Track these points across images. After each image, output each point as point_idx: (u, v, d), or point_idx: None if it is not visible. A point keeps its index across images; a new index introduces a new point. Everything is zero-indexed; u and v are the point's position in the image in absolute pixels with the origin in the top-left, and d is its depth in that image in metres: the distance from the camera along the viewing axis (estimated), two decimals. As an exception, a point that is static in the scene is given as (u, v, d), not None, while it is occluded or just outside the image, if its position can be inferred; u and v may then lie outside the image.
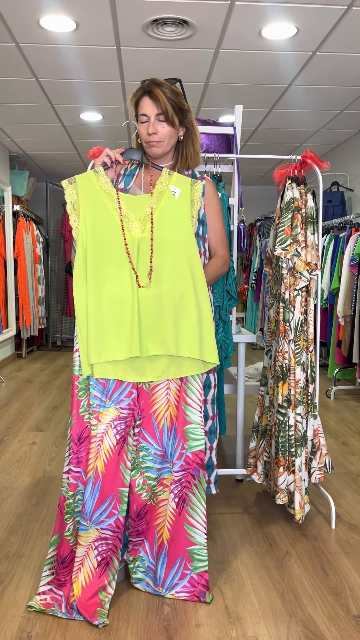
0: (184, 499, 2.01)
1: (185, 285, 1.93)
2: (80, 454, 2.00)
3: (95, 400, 1.98)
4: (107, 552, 1.96)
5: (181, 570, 2.02)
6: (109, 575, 1.96)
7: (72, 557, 2.01)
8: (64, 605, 1.94)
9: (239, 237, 2.89)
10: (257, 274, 7.21)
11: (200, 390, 2.02)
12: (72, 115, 5.47)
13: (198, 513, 2.02)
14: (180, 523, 2.01)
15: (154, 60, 4.09)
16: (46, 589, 2.01)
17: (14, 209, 6.75)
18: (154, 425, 2.02)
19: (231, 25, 3.52)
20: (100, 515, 1.97)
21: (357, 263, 4.62)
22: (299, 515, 2.46)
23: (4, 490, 2.96)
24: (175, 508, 2.00)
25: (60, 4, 3.26)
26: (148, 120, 2.05)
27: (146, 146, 2.09)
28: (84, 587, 1.94)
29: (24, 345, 7.16)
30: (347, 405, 4.82)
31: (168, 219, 1.96)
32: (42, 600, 1.98)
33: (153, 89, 2.02)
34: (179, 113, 2.07)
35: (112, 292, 1.92)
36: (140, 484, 2.02)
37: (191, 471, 2.01)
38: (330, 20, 3.45)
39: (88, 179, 1.98)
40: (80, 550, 1.97)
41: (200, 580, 2.02)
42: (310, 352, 2.56)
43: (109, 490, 1.97)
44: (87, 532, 1.96)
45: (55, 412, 4.52)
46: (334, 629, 1.86)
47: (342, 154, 6.56)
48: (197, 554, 2.01)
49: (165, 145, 2.08)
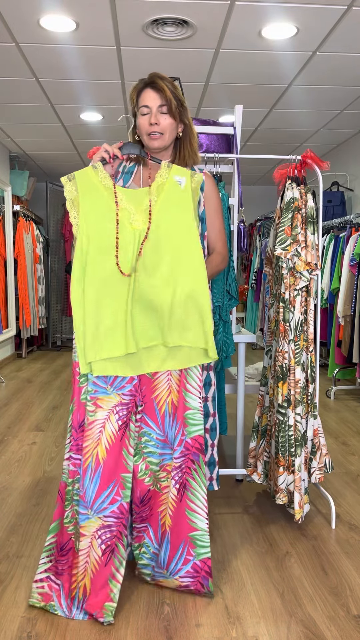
0: (184, 485, 2.02)
1: (188, 276, 1.93)
2: (81, 441, 2.01)
3: (95, 387, 1.98)
4: (112, 539, 1.96)
5: (184, 556, 2.02)
6: (115, 562, 1.95)
7: (70, 546, 2.00)
8: (62, 598, 1.94)
9: (239, 237, 2.89)
10: (257, 274, 7.21)
11: (199, 377, 2.03)
12: (72, 115, 5.47)
13: (199, 497, 2.02)
14: (181, 509, 2.02)
15: (154, 60, 4.09)
16: (43, 576, 2.00)
17: (14, 209, 6.75)
18: (156, 411, 2.02)
19: (231, 25, 3.52)
20: (102, 502, 1.96)
21: (357, 263, 4.62)
22: (299, 515, 2.46)
23: (4, 490, 2.96)
24: (177, 494, 2.01)
25: (60, 4, 3.26)
26: (149, 112, 2.03)
27: (146, 139, 2.07)
28: (92, 578, 1.94)
29: (24, 345, 7.16)
30: (347, 405, 4.82)
31: (171, 210, 1.95)
32: (40, 588, 1.97)
33: (156, 80, 2.01)
34: (180, 107, 2.06)
35: (110, 288, 1.92)
36: (142, 469, 2.03)
37: (190, 456, 2.02)
38: (330, 20, 3.45)
39: (87, 174, 1.97)
40: (84, 541, 1.95)
41: (204, 566, 2.02)
42: (310, 352, 2.56)
43: (111, 477, 1.97)
44: (88, 520, 1.95)
45: (55, 412, 4.52)
46: (334, 629, 1.86)
47: (342, 154, 6.56)
48: (199, 539, 2.02)
49: (166, 139, 2.06)
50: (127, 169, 2.12)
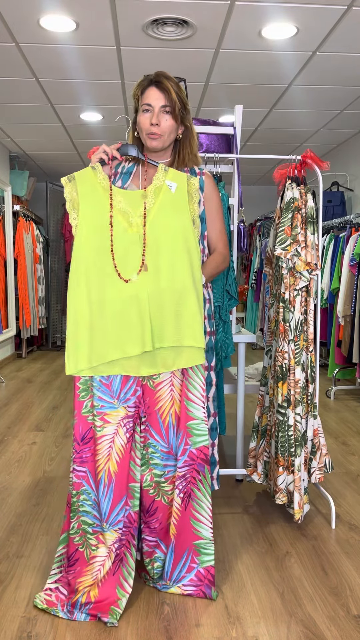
0: (189, 495, 2.02)
1: (185, 278, 1.93)
2: (85, 454, 2.01)
3: (101, 402, 1.98)
4: (120, 548, 1.97)
5: (188, 564, 2.03)
6: (123, 572, 1.96)
7: (77, 556, 2.01)
8: (66, 605, 1.94)
9: (239, 237, 2.89)
10: (257, 274, 7.21)
11: (202, 386, 2.02)
12: (72, 115, 5.47)
13: (204, 508, 2.02)
14: (186, 518, 2.01)
15: (154, 61, 4.09)
16: (53, 587, 2.01)
17: (14, 209, 6.75)
18: (160, 423, 2.02)
19: (231, 25, 3.51)
20: (117, 516, 1.98)
21: (357, 263, 4.62)
22: (298, 516, 2.46)
23: (4, 490, 2.95)
24: (181, 503, 2.01)
25: (60, 4, 3.26)
26: (151, 111, 2.00)
27: (145, 138, 2.04)
28: (100, 587, 1.94)
29: (24, 345, 7.16)
30: (347, 405, 4.82)
31: (166, 213, 1.95)
32: (47, 596, 1.98)
33: (163, 80, 1.99)
34: (182, 109, 2.04)
35: (109, 289, 1.91)
36: (147, 480, 2.03)
37: (195, 467, 2.01)
38: (330, 20, 3.45)
39: (87, 176, 1.97)
40: (102, 549, 1.97)
41: (207, 575, 2.02)
42: (310, 352, 2.56)
43: (123, 490, 1.98)
44: (107, 533, 1.98)
45: (55, 412, 4.51)
46: (334, 629, 1.86)
47: (342, 154, 6.56)
48: (203, 547, 2.02)
49: (165, 140, 2.04)
50: (126, 169, 2.10)
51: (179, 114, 2.02)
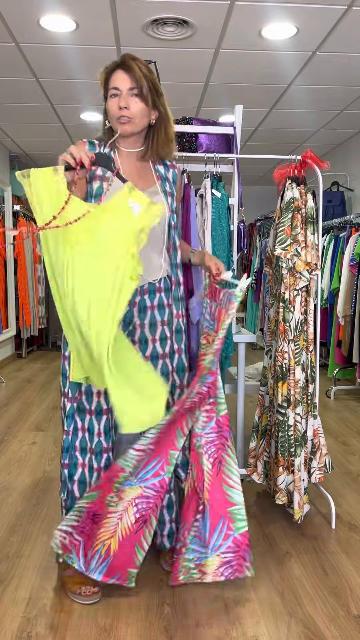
0: (220, 461, 2.05)
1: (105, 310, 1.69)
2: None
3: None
4: (147, 510, 1.98)
5: (224, 532, 2.04)
6: (145, 532, 1.98)
7: (102, 518, 1.98)
8: (82, 552, 1.95)
9: (239, 237, 2.89)
10: (257, 274, 7.21)
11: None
12: (72, 115, 5.47)
13: (234, 473, 2.05)
14: (218, 485, 2.04)
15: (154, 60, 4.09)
16: (66, 529, 1.98)
17: (14, 209, 6.75)
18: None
19: (231, 25, 3.51)
20: (147, 473, 1.99)
21: (357, 263, 4.62)
22: (298, 515, 2.46)
23: (4, 490, 2.95)
24: (212, 468, 2.04)
25: (60, 4, 3.26)
26: (119, 95, 1.91)
27: (115, 125, 1.95)
28: (120, 541, 1.96)
29: (24, 345, 7.16)
30: (347, 405, 4.82)
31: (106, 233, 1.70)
32: (62, 538, 1.97)
33: (128, 61, 1.91)
34: (153, 91, 1.94)
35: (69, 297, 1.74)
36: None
37: (223, 433, 2.06)
38: (330, 20, 3.45)
39: (43, 175, 1.70)
40: (121, 505, 1.98)
41: (244, 540, 2.04)
42: (310, 352, 2.56)
43: (162, 452, 2.00)
44: (131, 487, 1.98)
45: (55, 412, 4.51)
46: (334, 629, 1.86)
47: (342, 154, 6.56)
48: (237, 513, 2.04)
49: (137, 124, 1.94)
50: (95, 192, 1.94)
51: (147, 96, 1.92)
